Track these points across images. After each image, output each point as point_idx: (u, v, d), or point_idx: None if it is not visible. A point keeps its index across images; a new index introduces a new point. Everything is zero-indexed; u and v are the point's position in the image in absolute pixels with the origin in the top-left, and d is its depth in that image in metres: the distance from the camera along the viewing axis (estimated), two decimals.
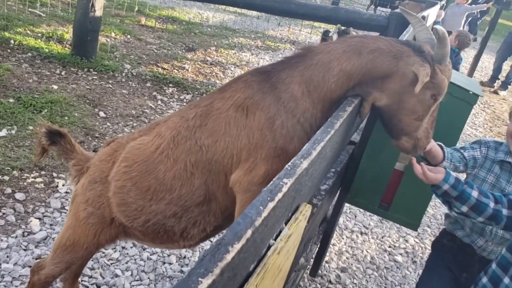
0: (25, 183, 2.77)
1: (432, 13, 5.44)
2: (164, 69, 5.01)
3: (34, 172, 2.87)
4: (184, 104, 4.35)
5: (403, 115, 1.42)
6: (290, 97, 1.39)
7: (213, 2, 4.33)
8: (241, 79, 1.50)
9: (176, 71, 5.05)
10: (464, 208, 1.51)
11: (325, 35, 4.88)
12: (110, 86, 4.25)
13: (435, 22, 5.36)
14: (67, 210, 2.67)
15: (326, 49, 1.44)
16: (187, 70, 5.17)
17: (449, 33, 8.33)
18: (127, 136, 1.71)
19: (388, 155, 1.92)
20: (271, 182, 0.82)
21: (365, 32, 4.81)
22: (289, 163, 0.91)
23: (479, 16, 10.45)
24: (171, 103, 4.30)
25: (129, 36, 5.71)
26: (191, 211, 1.53)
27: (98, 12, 4.37)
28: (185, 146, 1.48)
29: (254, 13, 8.21)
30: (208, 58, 5.78)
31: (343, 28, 3.79)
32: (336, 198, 2.31)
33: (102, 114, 3.71)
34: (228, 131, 1.43)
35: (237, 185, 1.43)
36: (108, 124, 3.61)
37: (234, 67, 5.69)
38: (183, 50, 5.83)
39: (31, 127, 3.22)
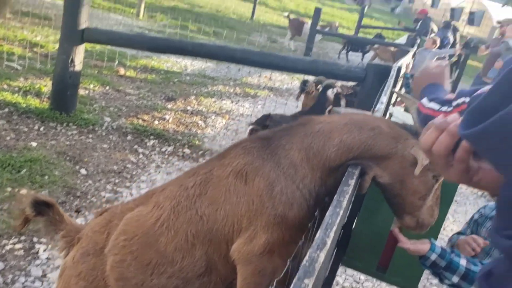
0: (3, 251, 2.64)
1: (405, 62, 5.64)
2: (145, 120, 4.98)
3: (13, 238, 2.75)
4: (166, 156, 4.30)
5: (406, 194, 1.42)
6: (290, 163, 1.38)
7: (195, 55, 4.38)
8: (240, 145, 1.49)
9: (156, 122, 5.02)
10: (455, 278, 1.51)
11: (304, 84, 4.96)
12: (91, 140, 4.18)
13: (405, 74, 5.53)
14: (48, 277, 2.55)
15: (328, 120, 1.46)
16: (168, 121, 5.15)
17: None
18: (121, 206, 1.66)
19: (384, 217, 1.91)
20: (292, 285, 0.79)
21: (344, 83, 4.92)
22: (306, 257, 0.88)
23: (447, 58, 10.85)
24: (152, 156, 4.25)
25: (108, 87, 5.69)
26: (192, 283, 1.48)
27: (78, 67, 4.35)
28: (186, 216, 1.44)
29: None
30: (189, 108, 5.78)
31: (326, 81, 3.87)
32: (331, 261, 2.27)
33: (83, 171, 3.63)
34: (228, 198, 1.41)
35: (237, 255, 1.40)
36: (90, 181, 3.52)
37: (215, 116, 5.71)
38: (163, 100, 5.83)
39: (9, 189, 3.11)
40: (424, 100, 1.15)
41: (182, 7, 14.66)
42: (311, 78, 4.58)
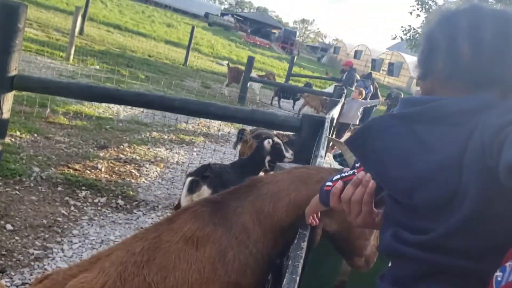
0: None
1: (335, 112, 5.92)
2: (76, 170, 4.78)
3: None
4: (99, 208, 4.13)
5: (354, 239, 1.48)
6: (242, 228, 1.39)
7: (132, 105, 4.33)
8: (190, 210, 1.48)
9: (88, 172, 4.83)
10: None
11: (241, 133, 5.05)
12: (17, 193, 3.93)
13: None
14: None
15: (274, 179, 1.49)
16: (100, 170, 4.98)
17: (347, 125, 9.07)
18: (63, 272, 1.56)
19: (329, 270, 1.95)
20: None
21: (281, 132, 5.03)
22: None
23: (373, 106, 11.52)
24: (85, 208, 4.06)
25: (36, 135, 5.43)
26: None
27: (6, 115, 4.13)
28: (133, 283, 1.38)
29: None
30: (122, 156, 5.64)
31: (261, 131, 3.96)
32: None
33: (9, 226, 3.38)
34: (178, 265, 1.38)
35: None
36: (17, 237, 3.28)
37: (149, 164, 5.60)
38: (95, 148, 5.64)
39: None
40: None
41: (114, 51, 14.51)
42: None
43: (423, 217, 0.90)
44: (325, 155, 2.99)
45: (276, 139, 3.74)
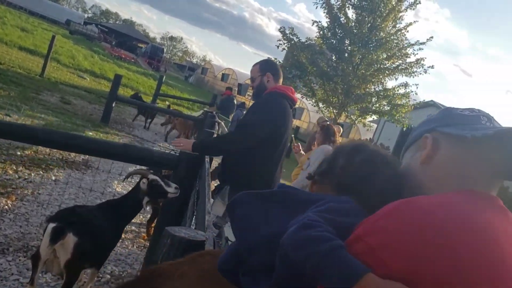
0: None
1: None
2: None
3: None
4: None
5: None
6: None
7: None
8: None
9: None
10: None
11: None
12: None
13: None
14: None
15: (177, 275, 1.26)
16: None
17: None
18: None
19: None
20: None
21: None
22: None
23: None
24: None
25: None
26: None
27: None
28: None
29: None
30: None
31: (135, 171, 3.69)
32: None
33: None
34: None
35: None
36: None
37: None
38: None
39: None
40: None
41: None
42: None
43: (260, 283, 1.07)
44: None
45: (152, 176, 3.48)
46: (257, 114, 3.65)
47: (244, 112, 11.24)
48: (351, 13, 19.52)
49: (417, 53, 19.11)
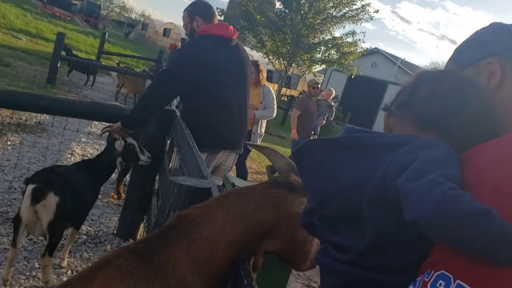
0: None
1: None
2: None
3: None
4: None
5: (299, 248, 1.42)
6: (180, 282, 1.20)
7: None
8: (110, 265, 1.21)
9: None
10: None
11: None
12: None
13: None
14: None
15: (206, 218, 1.30)
16: None
17: None
18: None
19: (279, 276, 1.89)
20: None
21: None
22: None
23: None
24: None
25: None
26: None
27: None
28: None
29: None
30: None
31: (107, 130, 3.57)
32: None
33: None
34: None
35: None
36: None
37: None
38: None
39: None
40: None
41: None
42: None
43: (339, 233, 1.02)
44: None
45: (130, 140, 3.41)
46: (175, 61, 3.45)
47: None
48: None
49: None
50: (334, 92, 9.72)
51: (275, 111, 6.14)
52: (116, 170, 3.70)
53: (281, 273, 1.87)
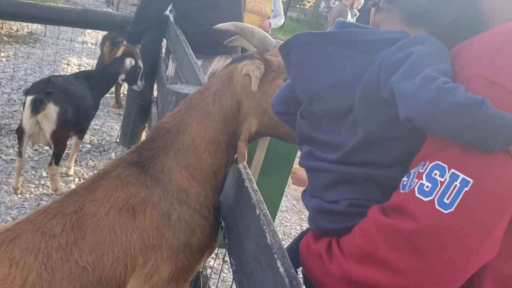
0: None
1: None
2: None
3: None
4: None
5: (279, 127, 1.35)
6: (178, 187, 1.26)
7: None
8: (111, 175, 1.26)
9: None
10: None
11: (112, 39, 4.35)
12: None
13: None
14: None
15: (181, 126, 1.32)
16: None
17: None
18: None
19: (280, 176, 1.95)
20: None
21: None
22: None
23: None
24: None
25: None
26: None
27: None
28: (64, 271, 1.17)
29: None
30: None
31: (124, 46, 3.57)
32: None
33: None
34: (115, 239, 1.21)
35: None
36: None
37: None
38: None
39: None
40: None
41: None
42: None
43: (323, 130, 1.02)
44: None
45: (140, 62, 3.51)
46: None
47: None
48: None
49: None
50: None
51: (284, 18, 6.00)
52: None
53: (280, 176, 1.94)
